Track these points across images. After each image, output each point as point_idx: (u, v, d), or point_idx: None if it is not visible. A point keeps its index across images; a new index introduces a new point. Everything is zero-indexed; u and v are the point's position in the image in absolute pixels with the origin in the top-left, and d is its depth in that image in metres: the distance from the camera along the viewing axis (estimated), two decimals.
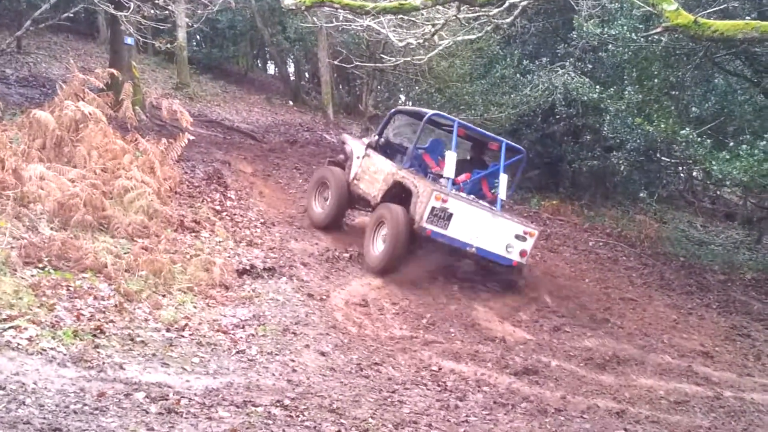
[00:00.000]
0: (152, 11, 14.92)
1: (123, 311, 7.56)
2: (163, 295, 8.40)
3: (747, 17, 12.19)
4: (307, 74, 32.39)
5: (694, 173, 20.47)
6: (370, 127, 19.36)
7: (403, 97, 26.19)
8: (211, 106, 24.35)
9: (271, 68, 36.08)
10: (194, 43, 29.65)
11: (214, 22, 26.43)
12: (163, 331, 7.40)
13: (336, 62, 20.18)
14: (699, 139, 12.93)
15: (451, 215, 10.87)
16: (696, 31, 7.57)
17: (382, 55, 17.52)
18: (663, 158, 16.80)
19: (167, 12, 15.80)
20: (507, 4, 10.42)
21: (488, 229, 11.14)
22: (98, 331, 6.91)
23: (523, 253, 11.35)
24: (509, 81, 18.79)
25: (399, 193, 11.51)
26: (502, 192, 11.87)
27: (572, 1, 14.44)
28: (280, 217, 12.99)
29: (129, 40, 17.64)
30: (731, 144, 13.31)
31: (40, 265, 8.19)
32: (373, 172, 12.36)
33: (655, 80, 14.09)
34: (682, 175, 20.64)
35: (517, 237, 11.31)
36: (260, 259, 10.47)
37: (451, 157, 11.52)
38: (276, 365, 7.21)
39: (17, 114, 13.37)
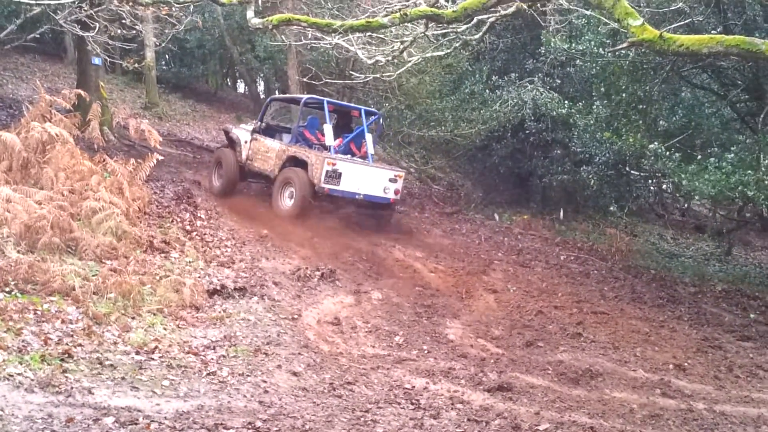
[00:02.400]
0: (119, 31, 14.84)
1: (91, 334, 7.46)
2: (133, 318, 8.31)
3: (712, 31, 12.27)
4: (277, 92, 32.34)
5: (664, 186, 20.60)
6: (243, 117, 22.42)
7: None
8: (181, 125, 24.27)
9: (241, 87, 36.06)
10: (163, 63, 29.56)
11: (182, 42, 26.36)
12: (132, 354, 7.30)
13: (306, 80, 20.16)
14: (667, 152, 13.01)
15: (340, 174, 14.17)
16: (662, 45, 7.61)
17: (351, 72, 17.54)
18: (632, 172, 16.90)
19: (135, 32, 15.73)
20: (475, 20, 10.46)
21: (368, 178, 14.59)
22: (66, 355, 6.81)
23: (396, 192, 15.00)
24: (479, 97, 18.86)
25: (292, 165, 14.66)
26: (370, 147, 15.39)
27: (540, 17, 14.52)
28: (251, 236, 12.93)
29: (96, 61, 17.57)
30: (699, 157, 13.41)
31: (7, 289, 8.09)
32: (264, 151, 15.52)
33: (623, 94, 14.18)
34: (651, 188, 20.76)
35: (390, 180, 14.85)
36: (231, 279, 10.40)
37: (328, 129, 14.98)
38: (247, 386, 7.13)
39: None
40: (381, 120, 16.61)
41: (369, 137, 15.48)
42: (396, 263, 13.09)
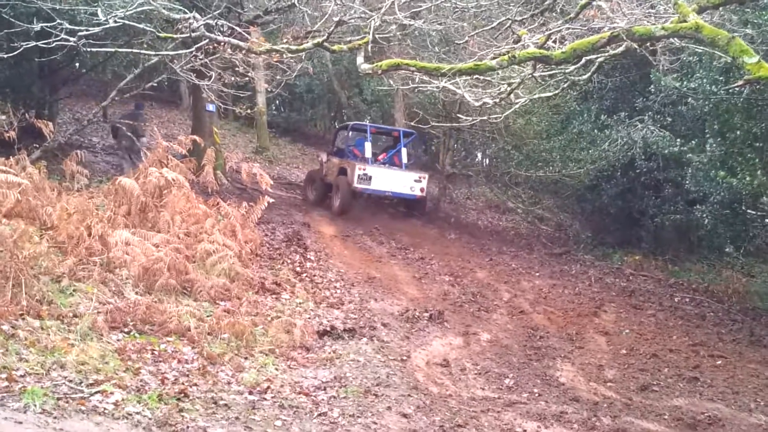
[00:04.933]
0: (233, 79, 15.28)
1: (206, 374, 7.63)
2: (245, 358, 8.46)
3: None
4: None
5: None
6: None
7: (479, 155, 26.19)
8: (290, 168, 24.76)
9: None
10: (273, 108, 30.26)
11: (292, 87, 26.92)
12: (245, 394, 7.43)
13: (413, 123, 20.34)
14: None
15: (371, 177, 18.09)
16: None
17: (458, 115, 17.56)
18: (749, 211, 16.37)
19: (247, 79, 16.17)
20: (583, 60, 10.37)
21: (396, 179, 18.50)
22: (182, 394, 6.98)
23: (422, 189, 18.65)
24: (587, 136, 18.67)
25: (342, 174, 18.64)
26: (403, 158, 19.53)
27: (649, 55, 14.29)
28: (360, 278, 13.03)
29: (210, 107, 18.15)
30: None
31: (126, 330, 8.36)
32: (331, 167, 19.59)
33: (738, 132, 13.78)
34: None
35: (416, 180, 18.59)
36: (340, 320, 10.50)
37: (367, 146, 19.40)
38: (358, 428, 7.16)
39: (104, 181, 13.77)
40: (416, 137, 21.73)
41: (404, 151, 19.70)
42: (504, 304, 12.98)
